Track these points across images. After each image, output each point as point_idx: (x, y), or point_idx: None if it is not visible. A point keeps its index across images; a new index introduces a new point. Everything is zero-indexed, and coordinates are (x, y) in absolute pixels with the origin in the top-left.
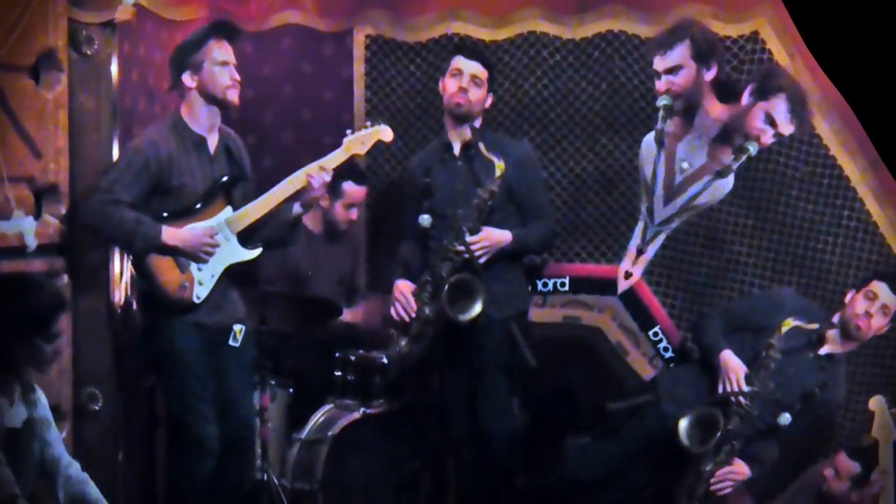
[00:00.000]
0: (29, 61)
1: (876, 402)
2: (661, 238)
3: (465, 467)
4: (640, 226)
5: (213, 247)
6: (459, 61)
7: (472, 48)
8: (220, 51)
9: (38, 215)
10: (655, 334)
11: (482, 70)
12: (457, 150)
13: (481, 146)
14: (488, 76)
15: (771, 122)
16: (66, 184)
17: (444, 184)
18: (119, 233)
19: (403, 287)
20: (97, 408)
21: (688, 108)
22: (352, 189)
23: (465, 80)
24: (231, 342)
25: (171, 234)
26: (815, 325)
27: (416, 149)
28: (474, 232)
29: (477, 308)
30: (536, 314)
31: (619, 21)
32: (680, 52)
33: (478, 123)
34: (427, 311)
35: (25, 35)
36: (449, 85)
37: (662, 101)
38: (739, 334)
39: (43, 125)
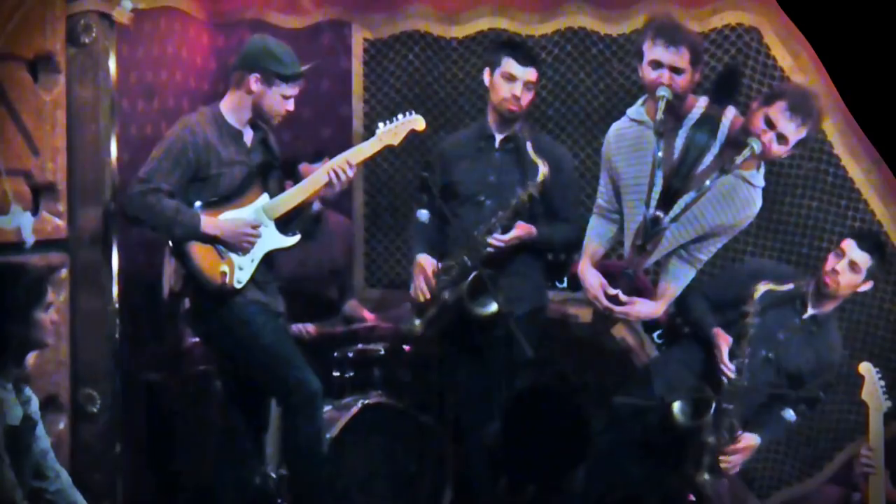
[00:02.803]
0: (27, 55)
1: (865, 368)
2: (687, 272)
3: (479, 465)
4: (635, 223)
5: (254, 238)
6: (513, 66)
7: (525, 52)
8: (293, 89)
9: (35, 211)
10: (660, 336)
11: (535, 73)
12: (497, 142)
13: (529, 146)
14: (537, 76)
15: (770, 124)
16: (64, 182)
17: (477, 172)
18: (160, 222)
19: (425, 262)
20: (95, 410)
21: (677, 107)
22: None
23: (518, 88)
24: None
25: (210, 224)
26: (788, 286)
27: (414, 141)
28: (507, 230)
29: (494, 306)
30: None
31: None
32: (683, 56)
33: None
34: (446, 295)
35: (23, 26)
36: (501, 88)
37: (662, 93)
38: (723, 311)
39: (41, 123)
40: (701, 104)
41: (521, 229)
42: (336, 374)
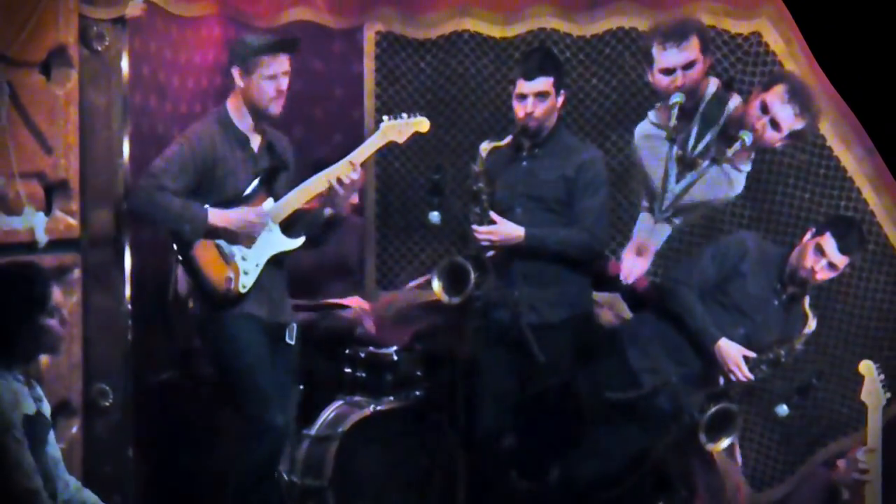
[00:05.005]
0: (40, 57)
1: (865, 367)
2: (664, 230)
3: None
4: (646, 223)
5: (260, 226)
6: (522, 85)
7: (533, 65)
8: (273, 65)
9: (48, 211)
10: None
11: (545, 83)
12: (525, 151)
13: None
14: (554, 80)
15: (764, 108)
16: (77, 180)
17: (507, 181)
18: (167, 217)
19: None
20: (107, 404)
21: (693, 101)
22: None
23: (529, 105)
24: (288, 339)
25: (218, 216)
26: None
27: (426, 145)
28: (485, 221)
29: (466, 293)
30: None
31: (629, 18)
32: (692, 47)
33: (553, 121)
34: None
35: (36, 31)
36: (517, 107)
37: (676, 99)
38: (709, 293)
39: (54, 121)
40: (713, 86)
41: (503, 228)
42: (347, 370)
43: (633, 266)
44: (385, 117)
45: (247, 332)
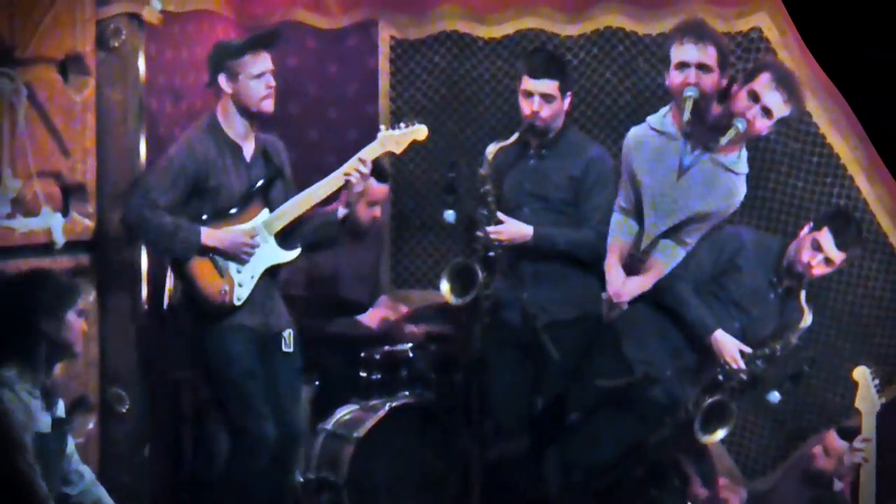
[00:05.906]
0: (56, 54)
1: (860, 373)
2: (676, 252)
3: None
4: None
5: (252, 248)
6: (527, 82)
7: (539, 64)
8: (257, 64)
9: (65, 212)
10: None
11: (552, 84)
12: (532, 149)
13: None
14: (560, 84)
15: (754, 97)
16: (94, 184)
17: (514, 179)
18: (159, 238)
19: None
20: (123, 410)
21: (704, 110)
22: (374, 187)
23: (536, 103)
24: (284, 348)
25: (210, 236)
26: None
27: (440, 142)
28: (493, 222)
29: (472, 293)
30: None
31: (624, 18)
32: (710, 54)
33: (559, 122)
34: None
35: (52, 29)
36: (522, 104)
37: (689, 93)
38: (705, 287)
39: (71, 124)
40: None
41: (511, 228)
42: (363, 374)
43: (624, 284)
44: (382, 127)
45: (237, 345)
